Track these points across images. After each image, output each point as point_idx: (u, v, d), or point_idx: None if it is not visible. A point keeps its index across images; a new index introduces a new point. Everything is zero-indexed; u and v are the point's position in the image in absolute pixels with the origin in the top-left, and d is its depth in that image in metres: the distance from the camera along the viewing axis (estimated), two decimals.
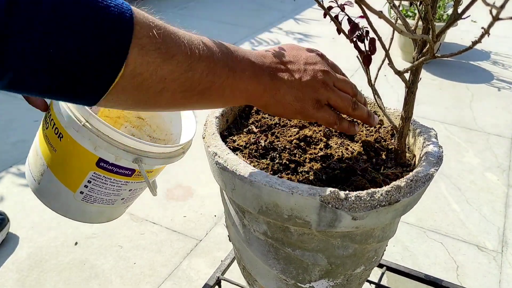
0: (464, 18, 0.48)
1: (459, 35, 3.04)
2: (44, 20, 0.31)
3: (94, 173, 0.58)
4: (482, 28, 0.40)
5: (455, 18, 0.47)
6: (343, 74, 0.57)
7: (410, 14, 2.64)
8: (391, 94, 2.29)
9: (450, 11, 2.57)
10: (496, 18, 0.37)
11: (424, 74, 2.56)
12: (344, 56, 2.82)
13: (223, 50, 0.45)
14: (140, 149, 0.56)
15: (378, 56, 0.52)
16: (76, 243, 1.37)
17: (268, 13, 3.61)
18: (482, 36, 0.40)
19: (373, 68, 0.56)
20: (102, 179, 0.58)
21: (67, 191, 0.60)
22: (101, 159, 0.56)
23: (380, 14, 0.40)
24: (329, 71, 0.52)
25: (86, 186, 0.59)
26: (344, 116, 0.56)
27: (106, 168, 0.57)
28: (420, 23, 0.52)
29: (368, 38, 0.54)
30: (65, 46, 0.33)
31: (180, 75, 0.40)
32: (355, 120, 0.61)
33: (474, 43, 0.42)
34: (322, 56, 0.54)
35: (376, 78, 0.58)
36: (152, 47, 0.37)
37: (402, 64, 2.67)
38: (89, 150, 0.56)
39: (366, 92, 0.67)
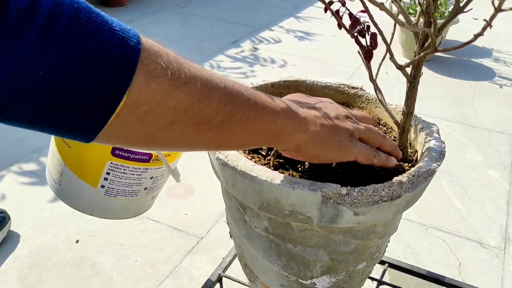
0: (466, 12, 0.47)
1: (460, 32, 3.03)
2: (35, 36, 0.27)
3: (112, 163, 0.57)
4: (484, 20, 0.40)
5: (457, 11, 0.46)
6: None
7: (412, 11, 2.63)
8: (393, 91, 2.29)
9: (451, 8, 2.56)
10: (498, 10, 0.37)
11: (425, 72, 2.55)
12: (345, 54, 2.82)
13: (239, 84, 0.40)
14: None
15: (379, 53, 0.52)
16: (77, 241, 1.37)
17: (269, 11, 3.61)
18: (484, 29, 0.40)
19: (374, 64, 0.55)
20: (121, 169, 0.58)
21: (88, 188, 0.59)
22: (115, 147, 0.56)
23: (381, 6, 0.40)
24: (346, 107, 0.51)
25: (106, 179, 0.59)
26: None
27: (122, 156, 0.57)
28: (421, 20, 0.52)
29: (369, 33, 0.54)
30: (57, 70, 0.28)
31: (193, 105, 0.35)
32: None
33: (477, 35, 0.42)
34: (331, 101, 0.53)
35: (377, 73, 0.58)
36: (161, 73, 0.32)
37: (403, 61, 2.66)
38: None
39: (368, 88, 0.67)
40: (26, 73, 0.27)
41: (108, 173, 0.58)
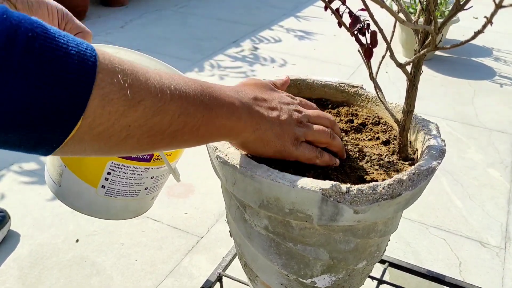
0: (466, 9, 0.47)
1: (460, 32, 3.03)
2: None
3: (112, 162, 0.57)
4: (485, 17, 0.40)
5: (457, 9, 0.46)
6: (317, 109, 0.57)
7: (412, 10, 2.63)
8: (393, 90, 2.29)
9: (451, 7, 2.55)
10: (499, 6, 0.37)
11: (426, 70, 2.55)
12: (345, 53, 2.82)
13: (197, 87, 0.42)
14: None
15: (379, 52, 0.52)
16: (77, 240, 1.37)
17: (268, 11, 3.61)
18: (485, 26, 0.40)
19: (374, 63, 0.55)
20: (122, 168, 0.58)
21: (88, 188, 0.59)
22: None
23: (382, 4, 0.40)
24: (302, 110, 0.53)
25: (106, 179, 0.58)
26: None
27: (123, 156, 0.57)
28: (421, 18, 0.52)
29: (369, 31, 0.54)
30: (13, 95, 0.29)
31: (147, 121, 0.36)
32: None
33: (477, 32, 0.42)
34: (291, 96, 0.55)
35: (377, 72, 0.57)
36: (116, 95, 0.33)
37: (403, 60, 2.65)
38: None
39: (368, 87, 0.67)
40: None
41: (109, 173, 0.58)
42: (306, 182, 0.46)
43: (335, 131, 0.55)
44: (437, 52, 2.81)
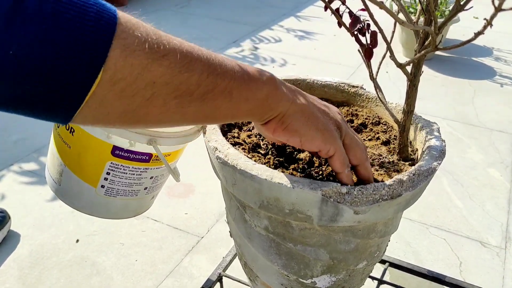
0: (467, 9, 0.47)
1: (460, 31, 3.03)
2: (4, 18, 0.26)
3: (112, 163, 0.57)
4: (485, 19, 0.40)
5: (457, 9, 0.46)
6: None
7: (412, 10, 2.62)
8: (393, 91, 2.29)
9: (451, 7, 2.55)
10: (498, 9, 0.37)
11: (426, 70, 2.55)
12: (345, 53, 2.82)
13: (224, 56, 0.39)
14: (153, 129, 0.56)
15: (379, 53, 0.52)
16: (77, 241, 1.37)
17: (269, 11, 3.61)
18: (485, 27, 0.40)
19: (374, 63, 0.55)
20: (121, 169, 0.58)
21: (88, 188, 0.59)
22: (116, 147, 0.56)
23: (381, 5, 0.40)
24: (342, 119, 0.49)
25: (106, 179, 0.58)
26: None
27: (122, 156, 0.57)
28: (421, 18, 0.52)
29: (369, 31, 0.54)
30: (28, 50, 0.27)
31: (173, 77, 0.33)
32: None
33: (477, 33, 0.41)
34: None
35: (377, 72, 0.57)
36: (138, 47, 0.31)
37: (404, 60, 2.66)
38: (102, 140, 0.55)
39: (368, 87, 0.67)
40: None
41: (108, 173, 0.58)
42: (306, 183, 0.46)
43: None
44: (438, 52, 2.81)
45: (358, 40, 0.54)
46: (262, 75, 0.41)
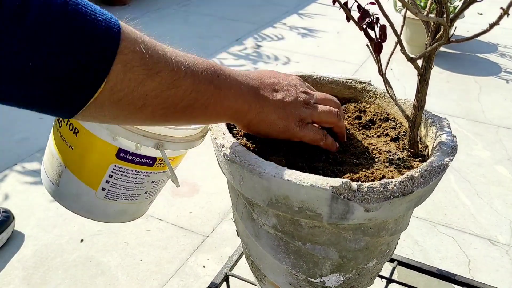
0: (479, 1, 0.46)
1: (465, 27, 3.00)
2: (27, 29, 0.30)
3: (115, 165, 0.56)
4: (501, 8, 0.38)
5: (470, 1, 0.45)
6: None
7: (422, 4, 2.60)
8: (398, 87, 2.27)
9: (456, 3, 2.53)
10: (505, 12, 0.36)
11: None
12: (349, 50, 2.80)
13: (209, 67, 0.44)
14: (160, 133, 0.55)
15: (384, 48, 0.51)
16: (81, 240, 1.37)
17: (271, 8, 3.59)
18: (500, 17, 0.39)
19: (382, 58, 0.54)
20: (124, 172, 0.57)
21: (88, 190, 0.58)
22: (121, 150, 0.55)
23: None
24: (309, 91, 0.54)
25: (107, 182, 0.57)
26: None
27: (127, 159, 0.56)
28: (431, 14, 0.50)
29: (379, 25, 0.53)
30: (47, 58, 0.32)
31: (162, 92, 0.39)
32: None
33: (492, 25, 0.40)
34: (300, 78, 0.56)
35: (386, 67, 0.56)
36: (137, 63, 0.36)
37: None
38: (107, 142, 0.54)
39: (377, 81, 0.65)
40: (15, 65, 0.31)
41: (110, 176, 0.57)
42: (316, 180, 0.44)
43: (340, 113, 0.56)
44: (442, 49, 2.79)
45: (367, 34, 0.53)
46: (238, 89, 0.46)
